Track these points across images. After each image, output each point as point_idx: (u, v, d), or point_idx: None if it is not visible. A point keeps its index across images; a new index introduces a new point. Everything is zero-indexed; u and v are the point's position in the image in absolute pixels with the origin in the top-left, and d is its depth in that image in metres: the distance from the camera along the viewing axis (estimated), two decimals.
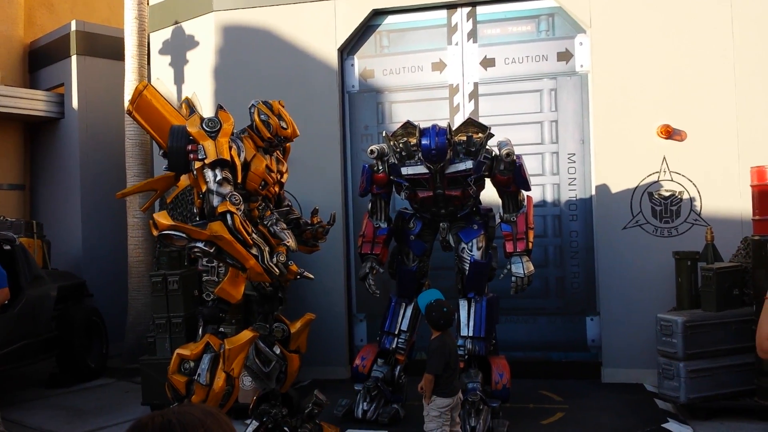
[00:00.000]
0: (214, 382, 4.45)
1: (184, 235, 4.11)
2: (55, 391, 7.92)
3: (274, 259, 4.41)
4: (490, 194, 6.24)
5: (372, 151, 5.89)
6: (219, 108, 4.65)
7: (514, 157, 5.68)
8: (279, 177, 5.08)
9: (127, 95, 9.08)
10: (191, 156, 4.36)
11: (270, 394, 5.05)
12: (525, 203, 6.04)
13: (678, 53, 6.97)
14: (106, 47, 10.74)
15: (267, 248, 4.37)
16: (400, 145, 5.78)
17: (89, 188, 10.53)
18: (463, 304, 5.95)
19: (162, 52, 8.93)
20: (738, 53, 6.83)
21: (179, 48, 8.77)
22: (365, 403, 5.97)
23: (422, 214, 6.15)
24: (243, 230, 4.23)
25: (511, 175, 5.76)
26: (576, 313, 7.44)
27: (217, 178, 4.30)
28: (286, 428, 5.00)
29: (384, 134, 6.01)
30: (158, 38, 8.99)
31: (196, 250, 4.17)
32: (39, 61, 11.48)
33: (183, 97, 4.87)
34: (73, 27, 10.64)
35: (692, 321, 5.93)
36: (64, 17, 11.82)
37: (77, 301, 8.82)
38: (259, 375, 4.95)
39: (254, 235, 4.35)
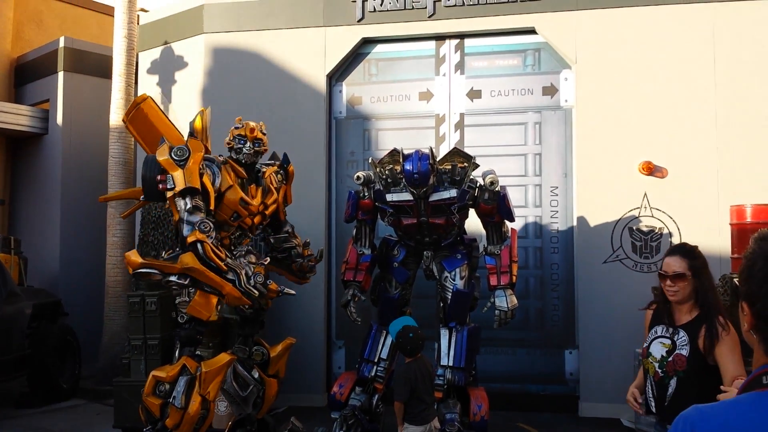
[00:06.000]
0: (189, 405, 4.38)
1: (157, 270, 4.10)
2: (25, 411, 7.73)
3: (252, 281, 4.37)
4: (474, 224, 6.26)
5: (358, 177, 5.89)
6: (189, 135, 4.63)
7: (498, 187, 5.71)
8: (262, 208, 5.05)
9: (113, 113, 9.05)
10: (160, 186, 4.39)
11: (246, 419, 4.98)
12: (509, 235, 6.05)
13: (661, 91, 7.10)
14: (93, 65, 10.74)
15: (243, 271, 4.33)
16: (386, 172, 5.80)
17: (69, 206, 10.43)
18: (444, 334, 5.92)
19: (150, 71, 8.93)
20: (720, 92, 6.97)
21: (168, 68, 8.78)
22: None
23: (406, 242, 6.14)
24: (215, 257, 4.20)
25: (495, 204, 5.77)
26: (555, 346, 7.44)
27: (188, 207, 4.30)
28: None
29: (370, 161, 6.01)
30: (147, 57, 9.00)
31: (171, 284, 4.16)
32: (25, 76, 11.44)
33: (199, 111, 4.84)
34: (62, 43, 10.63)
35: None
36: (53, 33, 11.81)
37: (52, 320, 8.64)
38: (236, 399, 4.89)
39: (229, 260, 4.32)
